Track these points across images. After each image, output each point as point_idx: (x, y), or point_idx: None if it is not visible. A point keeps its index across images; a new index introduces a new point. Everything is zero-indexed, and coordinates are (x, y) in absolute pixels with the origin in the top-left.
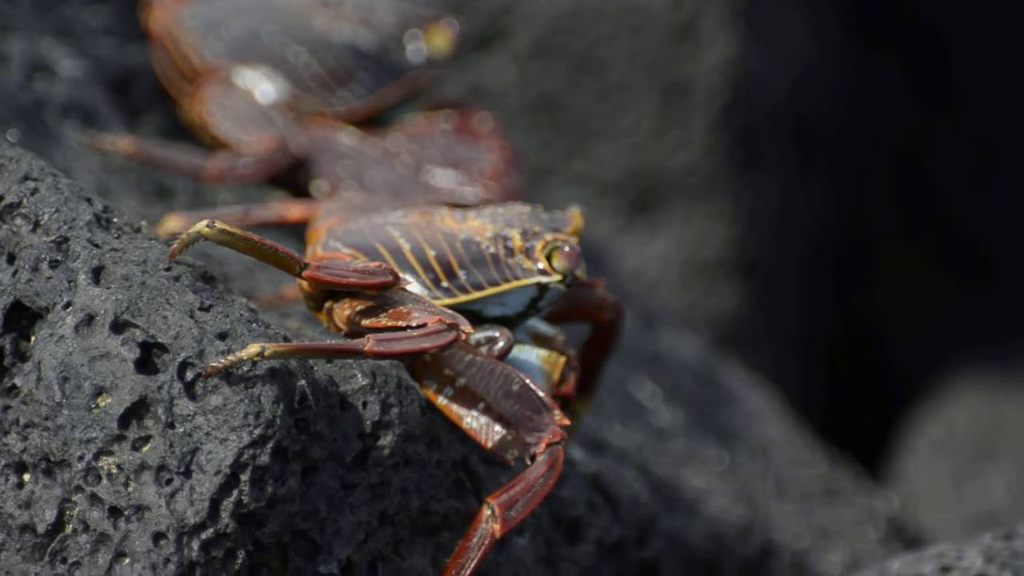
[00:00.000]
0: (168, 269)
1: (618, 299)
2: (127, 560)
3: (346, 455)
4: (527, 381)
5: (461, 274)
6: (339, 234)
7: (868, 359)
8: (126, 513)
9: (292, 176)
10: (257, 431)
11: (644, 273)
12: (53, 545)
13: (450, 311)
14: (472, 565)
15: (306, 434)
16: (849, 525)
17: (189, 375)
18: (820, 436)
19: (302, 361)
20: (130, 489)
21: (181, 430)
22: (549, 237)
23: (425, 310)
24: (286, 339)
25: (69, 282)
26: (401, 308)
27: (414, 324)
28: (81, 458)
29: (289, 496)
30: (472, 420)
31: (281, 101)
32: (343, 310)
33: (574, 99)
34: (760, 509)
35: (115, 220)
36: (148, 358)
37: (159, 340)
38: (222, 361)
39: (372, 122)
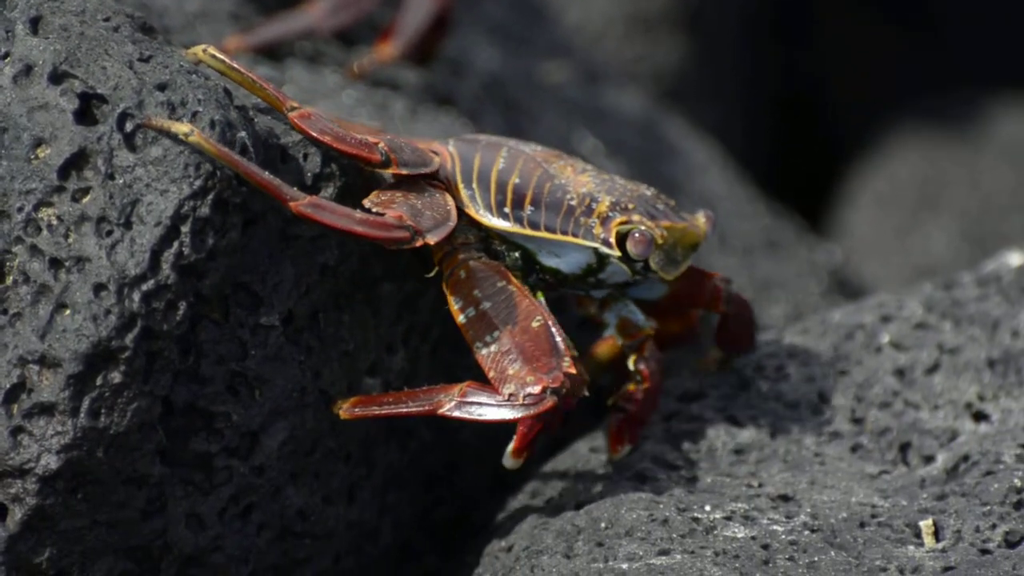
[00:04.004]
0: (107, 19)
1: (738, 292)
2: (68, 311)
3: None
4: (549, 322)
5: (528, 208)
6: (467, 137)
7: (811, 113)
8: (67, 264)
9: None
10: (198, 182)
11: (587, 27)
12: None
13: (434, 216)
14: (407, 409)
15: (247, 186)
16: (792, 278)
17: (129, 126)
18: (763, 189)
19: (242, 113)
20: (70, 240)
21: (121, 181)
22: (636, 218)
23: (405, 206)
24: (227, 92)
25: (7, 32)
26: (395, 193)
27: (377, 210)
28: (21, 209)
29: (230, 248)
30: (483, 347)
31: None
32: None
33: None
34: (703, 262)
35: None
36: (87, 109)
37: (98, 91)
38: (160, 122)
39: None
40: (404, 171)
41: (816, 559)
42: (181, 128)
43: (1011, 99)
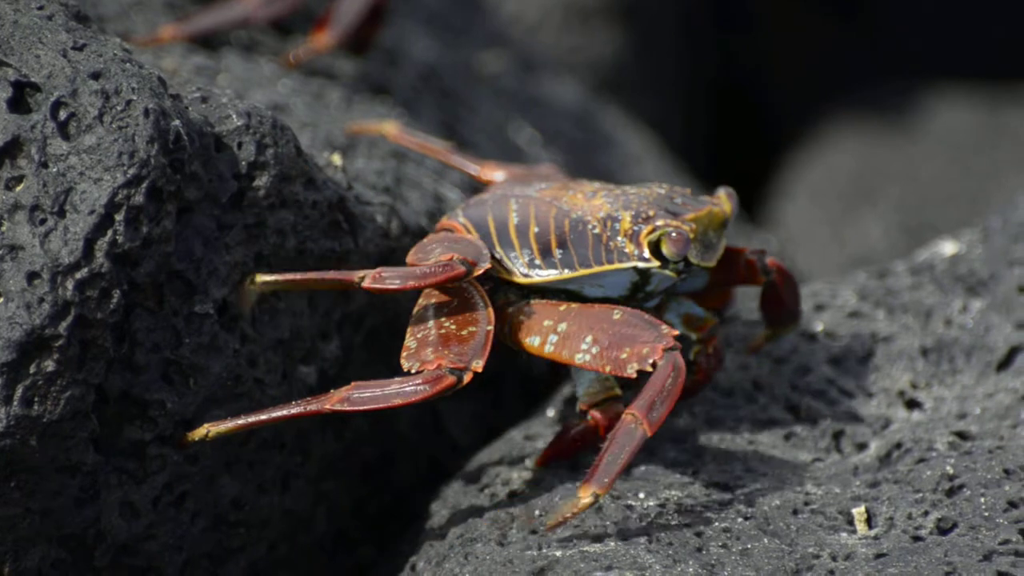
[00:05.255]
0: (41, 8)
1: (776, 260)
2: (1, 300)
3: (221, 196)
4: (626, 309)
5: (557, 252)
6: (471, 203)
7: (749, 104)
8: (0, 253)
9: None
10: (132, 171)
11: (524, 17)
12: None
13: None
14: (621, 462)
15: (181, 175)
16: None
17: (63, 114)
18: (700, 180)
19: (176, 102)
20: (3, 229)
21: (55, 170)
22: (660, 223)
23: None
24: (161, 81)
25: None
26: (427, 330)
27: (414, 369)
28: None
29: (164, 236)
30: (584, 355)
31: None
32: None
33: None
34: None
35: None
36: (20, 97)
37: (32, 79)
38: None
39: None
40: (483, 267)
41: (749, 546)
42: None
43: (946, 89)
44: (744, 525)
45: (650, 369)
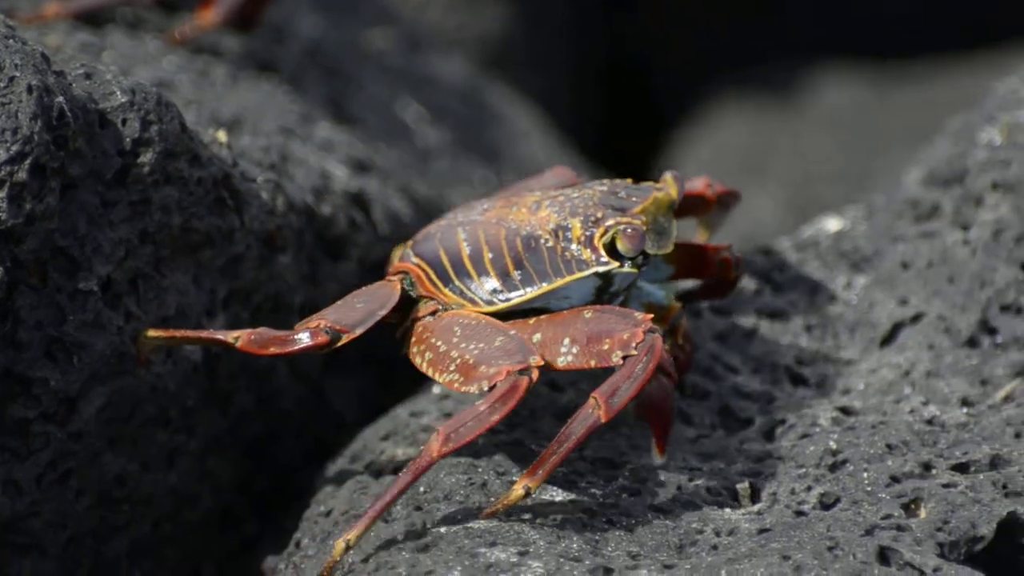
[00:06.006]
0: None
1: (740, 255)
2: None
3: (106, 172)
4: (595, 307)
5: (516, 275)
6: (418, 239)
7: (639, 81)
8: None
9: None
10: (15, 148)
11: None
12: None
13: (518, 340)
14: (569, 445)
15: (65, 151)
16: None
17: None
18: (589, 157)
19: (60, 78)
20: None
21: None
22: (611, 222)
23: (493, 356)
24: (45, 57)
25: None
26: (468, 358)
27: (485, 388)
28: None
29: (48, 213)
30: (565, 357)
31: None
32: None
33: None
34: None
35: None
36: None
37: None
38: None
39: None
40: (357, 333)
41: (634, 522)
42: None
43: (834, 68)
44: (629, 501)
45: (635, 353)
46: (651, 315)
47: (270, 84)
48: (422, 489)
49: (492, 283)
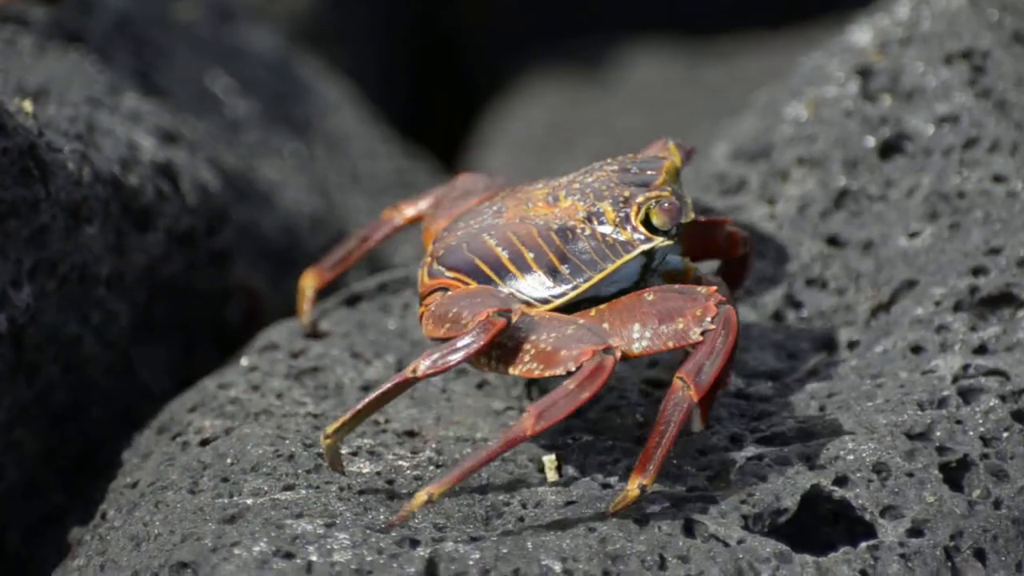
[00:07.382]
0: None
1: (747, 233)
2: None
3: None
4: (653, 288)
5: (564, 269)
6: (441, 254)
7: (449, 55)
8: None
9: None
10: None
11: None
12: None
13: (589, 326)
14: (672, 431)
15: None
16: None
17: None
18: (400, 131)
19: None
20: None
21: None
22: (641, 199)
23: (571, 341)
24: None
25: None
26: (544, 347)
27: (571, 368)
28: None
29: None
30: (639, 343)
31: None
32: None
33: None
34: (335, 201)
35: None
36: None
37: None
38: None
39: None
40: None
41: None
42: (418, 501)
43: (644, 42)
44: (436, 473)
45: (712, 327)
46: (714, 286)
47: (78, 54)
48: (229, 461)
49: (542, 280)
